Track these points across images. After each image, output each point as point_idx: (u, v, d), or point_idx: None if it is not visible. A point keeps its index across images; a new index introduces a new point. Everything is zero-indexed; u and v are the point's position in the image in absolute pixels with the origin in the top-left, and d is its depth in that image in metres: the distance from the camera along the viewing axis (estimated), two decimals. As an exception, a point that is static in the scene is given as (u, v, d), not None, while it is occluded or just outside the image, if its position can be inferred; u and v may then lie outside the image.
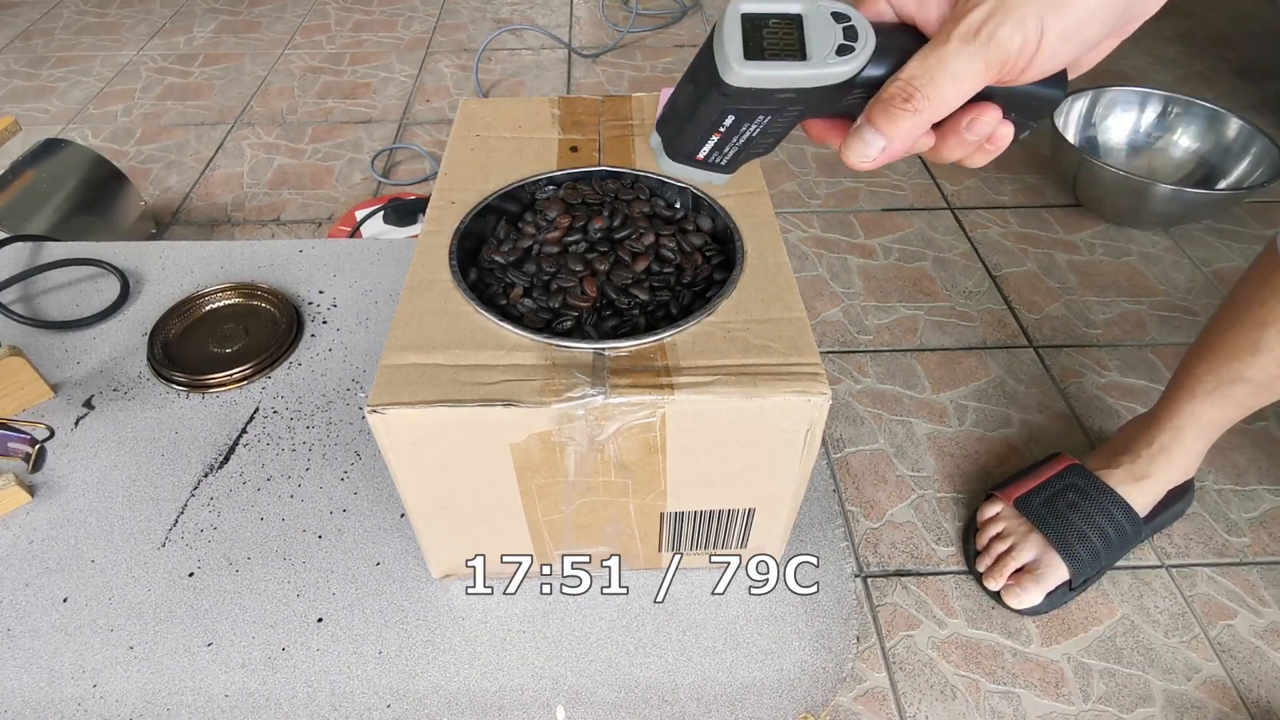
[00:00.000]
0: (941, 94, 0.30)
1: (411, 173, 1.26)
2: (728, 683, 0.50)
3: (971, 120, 0.32)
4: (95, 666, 0.50)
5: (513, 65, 1.55)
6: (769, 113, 0.33)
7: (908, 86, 0.30)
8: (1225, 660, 0.68)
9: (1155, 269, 1.07)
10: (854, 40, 0.31)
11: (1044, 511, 0.71)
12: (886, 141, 0.31)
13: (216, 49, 1.62)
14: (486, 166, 0.55)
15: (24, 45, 1.64)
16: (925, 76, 0.30)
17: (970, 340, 0.97)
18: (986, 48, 0.29)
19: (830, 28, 0.31)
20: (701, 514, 0.48)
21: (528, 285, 0.47)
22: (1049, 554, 0.70)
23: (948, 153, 0.34)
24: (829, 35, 0.31)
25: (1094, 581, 0.72)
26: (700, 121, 0.33)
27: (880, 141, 0.31)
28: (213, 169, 1.27)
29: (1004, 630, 0.70)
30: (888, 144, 0.31)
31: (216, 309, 0.73)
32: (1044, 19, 0.28)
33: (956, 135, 0.33)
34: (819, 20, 0.31)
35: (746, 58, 0.30)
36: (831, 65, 0.31)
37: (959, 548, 0.76)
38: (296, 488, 0.59)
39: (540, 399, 0.39)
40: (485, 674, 0.50)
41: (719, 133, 0.34)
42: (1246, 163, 1.13)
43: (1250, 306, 0.62)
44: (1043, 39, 0.28)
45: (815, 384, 0.40)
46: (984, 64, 0.29)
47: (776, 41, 0.31)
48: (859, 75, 0.31)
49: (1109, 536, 0.70)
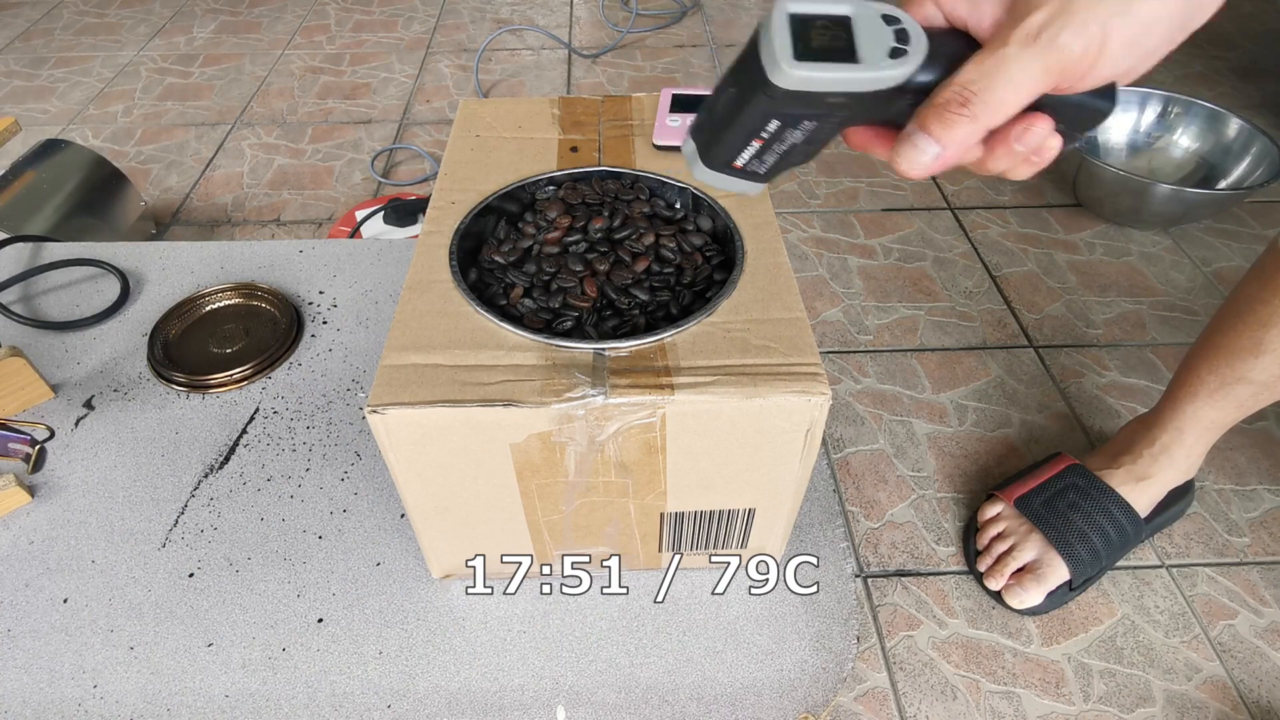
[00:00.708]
0: (1001, 99, 0.29)
1: (412, 173, 1.26)
2: (728, 683, 0.50)
3: (1023, 130, 0.30)
4: (95, 667, 0.50)
5: (513, 65, 1.55)
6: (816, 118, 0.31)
7: (964, 91, 0.29)
8: (1226, 660, 0.68)
9: (1155, 269, 1.07)
10: (906, 43, 0.30)
11: (1044, 511, 0.71)
12: (941, 149, 0.30)
13: (217, 49, 1.62)
14: (486, 167, 0.55)
15: (24, 46, 1.64)
16: (983, 81, 0.28)
17: (970, 340, 0.97)
18: (1048, 51, 0.28)
19: (881, 30, 0.30)
20: (701, 514, 0.48)
21: (528, 285, 0.47)
22: (1050, 554, 0.69)
23: (994, 164, 0.32)
24: (881, 37, 0.30)
25: (1094, 581, 0.72)
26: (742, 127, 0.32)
27: (934, 148, 0.30)
28: (213, 169, 1.27)
29: (1004, 630, 0.70)
30: (942, 151, 0.30)
31: (217, 309, 0.73)
32: (1107, 24, 0.27)
33: (1005, 145, 0.31)
34: (869, 22, 0.30)
35: (797, 58, 0.29)
36: (884, 69, 0.30)
37: (959, 547, 0.76)
38: (297, 488, 0.59)
39: (540, 399, 0.39)
40: (485, 674, 0.50)
41: (761, 139, 0.32)
42: (1246, 163, 1.13)
43: (1252, 306, 0.62)
44: (1106, 45, 0.28)
45: (815, 384, 0.40)
46: (1044, 69, 0.28)
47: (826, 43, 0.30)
48: (911, 80, 0.30)
49: (1109, 536, 0.70)
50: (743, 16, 1.72)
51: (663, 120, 0.57)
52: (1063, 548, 0.69)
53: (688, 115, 0.57)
